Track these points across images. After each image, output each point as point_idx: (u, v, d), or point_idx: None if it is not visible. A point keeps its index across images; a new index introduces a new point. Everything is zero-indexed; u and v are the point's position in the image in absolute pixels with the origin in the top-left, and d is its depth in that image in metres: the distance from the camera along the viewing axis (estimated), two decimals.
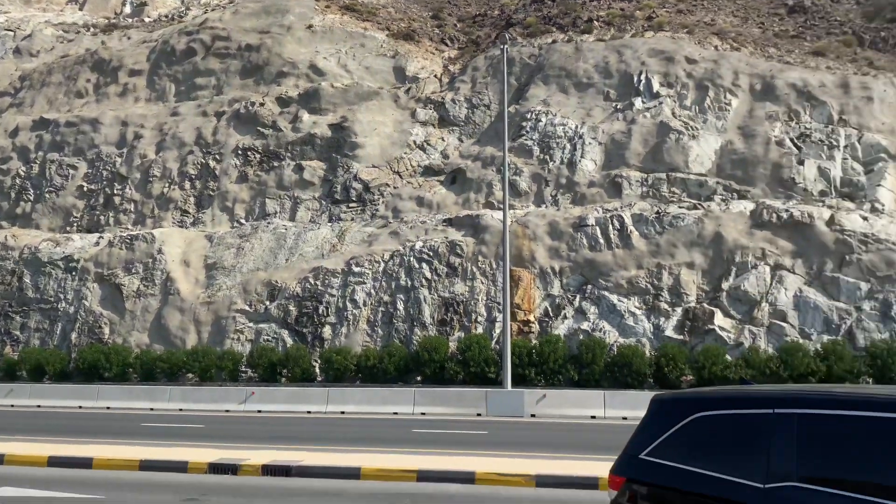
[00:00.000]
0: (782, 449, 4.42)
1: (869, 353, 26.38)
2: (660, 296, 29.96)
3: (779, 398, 4.63)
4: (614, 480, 5.37)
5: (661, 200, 33.24)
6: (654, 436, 5.23)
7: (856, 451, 4.17)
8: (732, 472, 4.63)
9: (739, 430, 4.73)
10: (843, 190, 32.40)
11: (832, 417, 4.33)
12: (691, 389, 5.50)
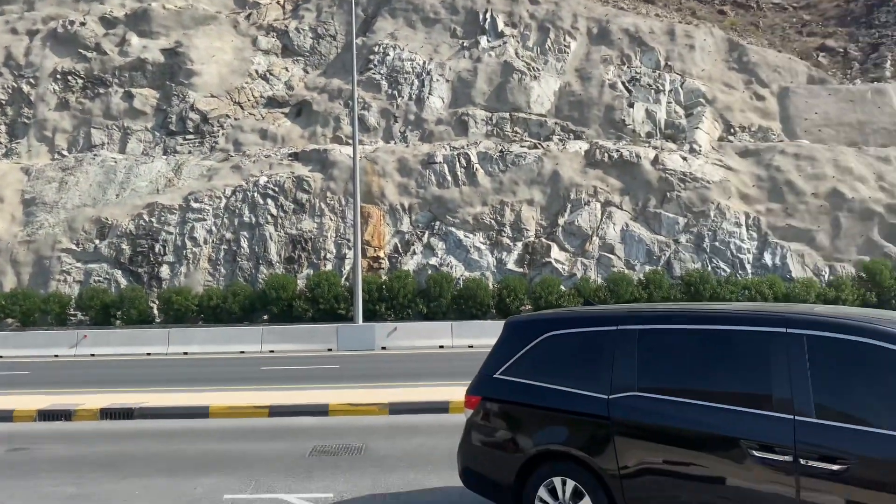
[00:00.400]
0: (625, 362, 4.85)
1: (684, 280, 29.08)
2: (503, 231, 31.13)
3: (622, 316, 5.04)
4: (470, 400, 5.64)
5: (504, 139, 34.20)
6: (508, 356, 5.53)
7: (685, 360, 4.65)
8: (580, 385, 5.01)
9: (587, 346, 5.11)
10: (667, 132, 34.90)
11: (666, 331, 4.78)
12: (542, 311, 5.85)
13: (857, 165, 32.41)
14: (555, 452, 5.04)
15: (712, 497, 4.30)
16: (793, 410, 4.09)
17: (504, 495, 5.34)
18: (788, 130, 35.13)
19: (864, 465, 3.79)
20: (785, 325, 4.32)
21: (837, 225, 31.15)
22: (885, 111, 35.01)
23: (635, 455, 4.63)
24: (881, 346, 3.98)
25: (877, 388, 3.95)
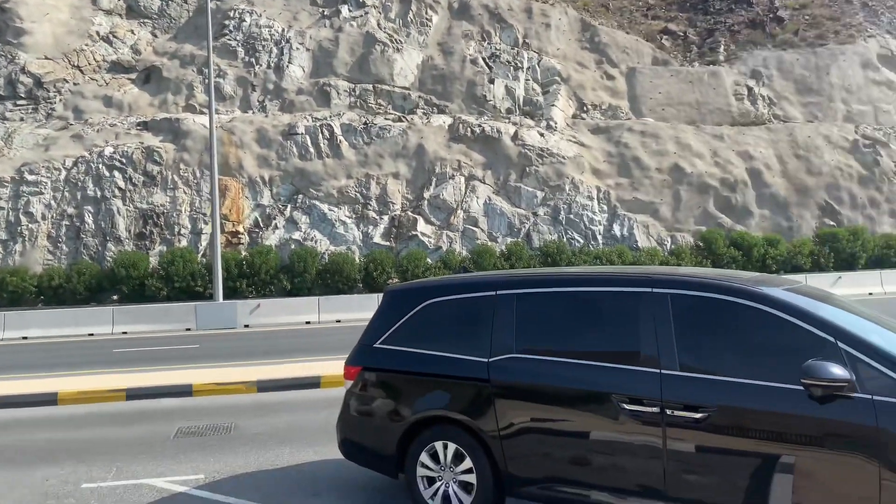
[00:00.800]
0: (503, 325, 4.96)
1: (542, 251, 30.29)
2: (368, 205, 30.93)
3: (500, 281, 5.14)
4: (350, 371, 5.58)
5: (368, 111, 33.85)
6: (388, 325, 5.50)
7: (560, 322, 4.83)
8: (461, 350, 5.09)
9: (466, 312, 5.19)
10: (525, 108, 35.92)
11: (542, 295, 4.94)
12: (422, 279, 5.87)
13: (695, 142, 34.93)
14: (437, 417, 5.10)
15: (587, 450, 4.52)
16: (659, 365, 4.36)
17: (385, 463, 5.35)
18: (635, 109, 37.20)
19: (722, 412, 4.12)
20: (650, 286, 4.58)
21: (678, 198, 33.50)
22: (719, 92, 37.88)
23: (514, 415, 4.77)
24: (737, 301, 4.32)
25: (733, 341, 4.29)
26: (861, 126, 36.25)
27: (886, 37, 40.00)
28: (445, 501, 5.04)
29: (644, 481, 4.34)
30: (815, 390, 3.86)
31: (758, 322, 4.23)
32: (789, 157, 34.85)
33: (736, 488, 4.08)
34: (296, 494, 5.84)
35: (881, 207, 33.96)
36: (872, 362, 3.87)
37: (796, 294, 4.42)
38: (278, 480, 6.24)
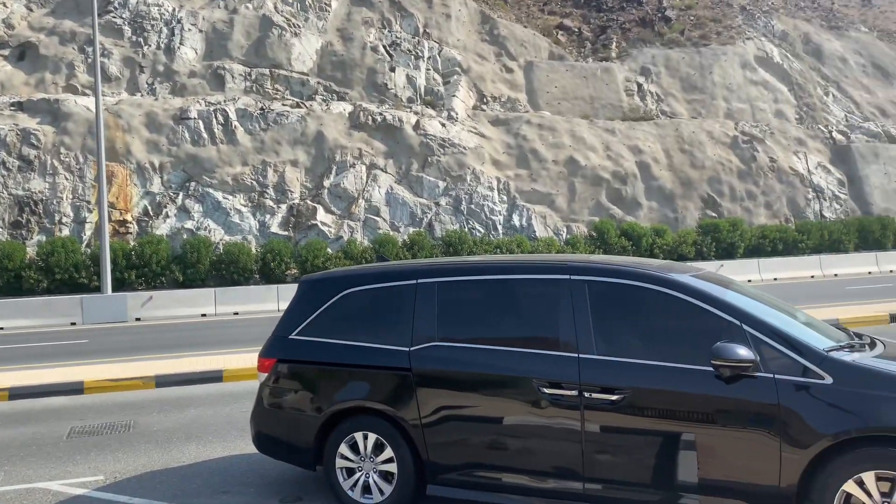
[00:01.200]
0: (425, 314, 4.96)
1: (444, 241, 30.52)
2: (265, 193, 30.14)
3: (421, 270, 5.13)
4: (264, 364, 5.43)
5: (265, 97, 32.93)
6: (304, 316, 5.39)
7: (481, 309, 4.88)
8: (381, 339, 5.04)
9: (386, 301, 5.15)
10: (427, 98, 35.99)
11: (463, 283, 4.97)
12: (340, 268, 5.78)
13: (589, 136, 36.11)
14: (356, 408, 5.04)
15: (509, 435, 4.59)
16: (577, 349, 4.49)
17: (303, 456, 5.24)
18: (533, 102, 38.03)
19: (637, 394, 4.29)
20: (568, 273, 4.70)
21: (573, 189, 34.56)
22: (611, 88, 39.29)
23: (436, 403, 4.78)
24: (650, 288, 4.50)
25: (646, 325, 4.47)
26: (740, 123, 38.56)
27: (763, 39, 42.69)
28: (366, 492, 5.00)
29: (563, 463, 4.47)
30: (723, 371, 4.09)
31: (669, 307, 4.42)
32: (675, 152, 36.62)
33: (648, 466, 4.26)
34: (205, 492, 5.63)
35: (757, 200, 36.31)
36: (774, 344, 4.14)
37: (702, 280, 4.65)
38: (185, 478, 6.00)
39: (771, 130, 38.45)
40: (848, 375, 3.97)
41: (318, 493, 5.52)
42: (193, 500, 5.46)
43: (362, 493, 5.00)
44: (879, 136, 39.39)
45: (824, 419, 3.90)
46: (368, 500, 4.98)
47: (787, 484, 3.97)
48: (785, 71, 41.52)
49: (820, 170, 37.86)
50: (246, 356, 11.50)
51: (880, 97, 42.20)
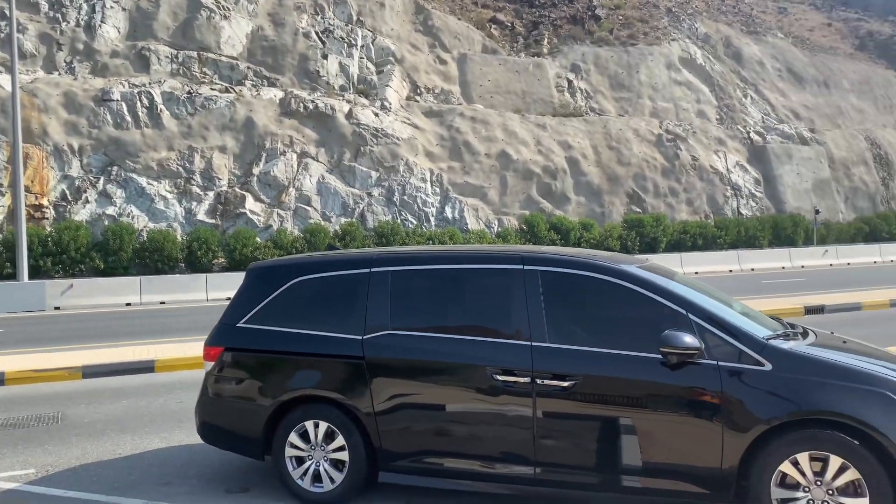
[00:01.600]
0: (378, 303, 4.96)
1: (377, 231, 30.38)
2: (192, 179, 29.31)
3: (374, 259, 5.13)
4: (210, 352, 5.32)
5: (192, 80, 31.96)
6: (252, 304, 5.30)
7: (435, 298, 4.93)
8: (333, 328, 5.02)
9: (339, 290, 5.12)
10: (359, 87, 35.68)
11: (418, 272, 5.00)
12: (290, 256, 5.71)
13: (520, 130, 36.58)
14: (307, 397, 4.99)
15: (462, 422, 4.65)
16: (530, 337, 4.58)
17: (251, 446, 5.17)
18: (466, 94, 38.23)
19: (588, 381, 4.41)
20: (522, 263, 4.79)
21: (505, 183, 34.97)
22: (542, 83, 39.89)
23: (390, 391, 4.79)
24: (601, 278, 4.64)
25: (597, 314, 4.61)
26: (665, 122, 39.81)
27: (687, 41, 44.13)
28: (316, 480, 4.97)
29: (515, 448, 4.56)
30: (671, 357, 4.26)
31: (619, 296, 4.57)
32: (603, 148, 37.52)
33: (598, 450, 4.40)
34: (144, 484, 5.48)
35: (679, 196, 37.61)
36: (717, 332, 4.33)
37: (649, 271, 4.82)
38: (123, 471, 5.81)
39: (693, 130, 39.86)
40: (785, 362, 4.20)
41: (265, 483, 5.45)
42: (133, 492, 5.31)
43: (312, 482, 4.97)
44: (793, 138, 41.40)
45: (764, 404, 4.12)
46: (319, 489, 4.96)
47: (728, 466, 4.18)
48: (707, 72, 43.07)
49: (738, 169, 39.51)
50: (179, 346, 11.20)
51: (794, 101, 44.33)
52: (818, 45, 49.49)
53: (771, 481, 4.10)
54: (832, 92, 45.93)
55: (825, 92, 45.77)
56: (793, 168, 40.46)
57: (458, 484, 4.72)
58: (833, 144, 42.13)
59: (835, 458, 3.99)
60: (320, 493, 4.94)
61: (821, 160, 41.23)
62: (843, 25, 53.44)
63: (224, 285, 22.05)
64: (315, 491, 4.96)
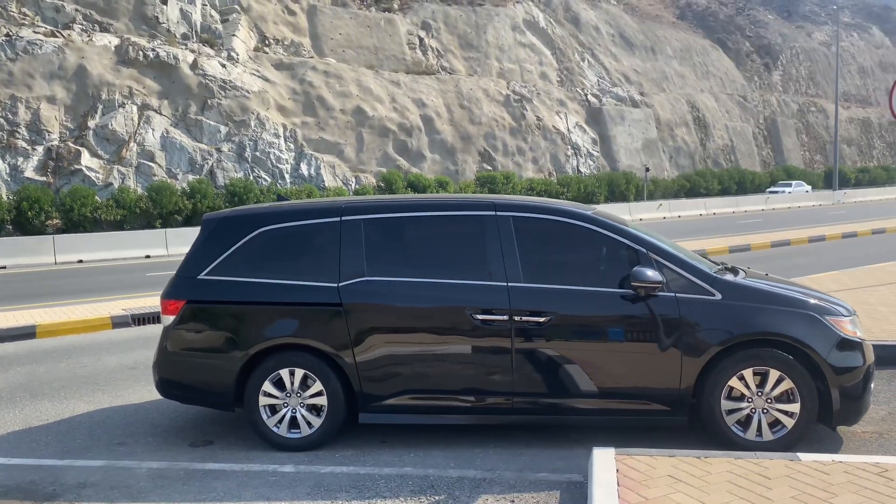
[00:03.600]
0: (352, 250, 5.03)
1: (228, 190, 29.19)
2: (16, 133, 26.56)
3: (346, 208, 5.16)
4: (171, 305, 5.15)
5: (10, 21, 28.69)
6: (215, 255, 5.18)
7: (412, 244, 5.10)
8: (305, 277, 5.03)
9: (308, 239, 5.12)
10: (204, 36, 33.73)
11: (392, 220, 5.12)
12: (249, 206, 5.57)
13: (375, 87, 36.38)
14: (282, 346, 4.99)
15: (444, 361, 4.88)
16: (506, 278, 4.87)
17: (221, 398, 5.08)
18: (317, 48, 37.32)
19: (561, 316, 4.79)
20: (495, 209, 5.05)
21: (361, 140, 34.79)
22: (395, 40, 39.77)
23: (370, 336, 4.90)
24: (570, 222, 5.01)
25: (567, 255, 4.99)
26: (511, 83, 41.21)
27: (530, 3, 45.66)
28: (292, 425, 5.01)
29: (493, 382, 4.87)
30: (640, 291, 4.73)
31: (586, 238, 4.98)
32: (455, 107, 38.27)
33: (570, 379, 4.82)
34: (97, 446, 5.21)
35: (526, 155, 39.33)
36: (675, 267, 4.86)
37: (606, 216, 5.26)
38: (63, 435, 5.48)
39: (538, 91, 41.61)
40: (732, 292, 4.81)
41: (229, 435, 5.39)
42: (89, 454, 5.06)
43: (289, 429, 5.01)
44: (625, 101, 44.44)
45: (716, 329, 4.71)
46: (296, 434, 5.00)
47: (685, 385, 4.75)
48: (549, 36, 44.93)
49: (578, 129, 41.89)
50: (57, 310, 10.40)
51: (626, 65, 47.46)
52: (645, 13, 53.09)
53: (721, 395, 4.73)
54: (658, 58, 49.62)
55: (652, 57, 49.35)
56: (625, 129, 43.50)
57: (439, 418, 4.97)
58: (659, 107, 45.70)
59: (773, 371, 4.67)
60: (297, 438, 4.99)
61: (649, 122, 44.64)
62: None
63: (81, 247, 20.38)
64: (292, 437, 5.00)
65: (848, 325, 4.83)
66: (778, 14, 65.13)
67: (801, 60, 62.47)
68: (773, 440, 4.70)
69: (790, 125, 56.48)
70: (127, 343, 8.80)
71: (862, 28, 72.36)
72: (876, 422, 5.23)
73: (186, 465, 4.81)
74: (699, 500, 3.66)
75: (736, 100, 52.52)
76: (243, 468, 4.73)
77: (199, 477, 4.61)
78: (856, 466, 4.01)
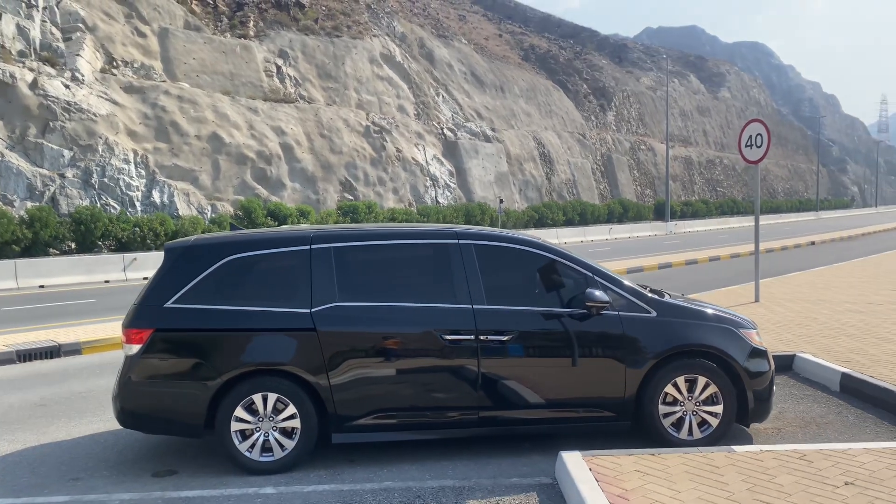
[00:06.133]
0: (323, 277, 5.23)
1: (73, 218, 27.28)
2: None
3: (315, 236, 5.36)
4: (136, 335, 5.09)
5: None
6: (181, 284, 5.19)
7: (381, 271, 5.39)
8: (278, 303, 5.17)
9: (279, 266, 5.27)
10: (44, 54, 31.55)
11: (362, 248, 5.39)
12: (213, 234, 5.57)
13: (232, 113, 35.60)
14: (254, 371, 5.05)
15: (414, 381, 5.16)
16: (470, 301, 5.28)
17: (189, 426, 5.05)
18: (170, 72, 35.98)
19: (521, 334, 5.26)
20: (457, 238, 5.46)
21: (217, 167, 33.82)
22: (251, 66, 39.17)
23: (343, 359, 5.08)
24: (526, 249, 5.52)
25: (522, 279, 5.49)
26: (370, 114, 41.82)
27: (386, 38, 46.72)
28: (265, 450, 5.07)
29: (461, 397, 5.22)
30: (592, 309, 5.31)
31: (540, 264, 5.51)
32: (315, 136, 38.23)
33: (530, 391, 5.29)
34: (52, 482, 4.97)
35: (387, 185, 39.95)
36: (616, 289, 5.49)
37: (554, 245, 5.83)
38: (13, 472, 5.16)
39: (396, 123, 42.51)
40: (665, 310, 5.52)
41: (189, 463, 5.32)
42: (48, 491, 4.82)
43: (261, 453, 5.07)
44: (479, 136, 46.43)
45: (653, 342, 5.38)
46: (268, 458, 5.07)
47: (629, 394, 5.37)
48: (405, 70, 46.14)
49: (435, 161, 43.18)
50: None
51: (477, 102, 49.65)
52: (494, 54, 55.93)
53: (658, 401, 5.39)
54: (507, 96, 52.37)
55: (501, 96, 52.01)
56: (479, 162, 45.40)
57: (410, 434, 5.25)
58: (510, 143, 48.17)
59: (701, 378, 5.41)
60: (271, 461, 5.06)
61: (500, 156, 46.91)
62: (510, 37, 61.03)
63: None
64: (265, 460, 5.06)
65: (756, 336, 5.70)
66: (610, 59, 70.97)
67: (632, 102, 68.36)
68: (702, 438, 5.43)
69: (623, 161, 61.47)
70: (21, 381, 8.23)
71: (682, 75, 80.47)
72: (772, 420, 6.13)
73: (160, 493, 4.75)
74: (669, 488, 4.24)
75: (576, 137, 56.43)
76: (223, 493, 4.75)
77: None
78: (781, 454, 4.78)
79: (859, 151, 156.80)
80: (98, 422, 6.48)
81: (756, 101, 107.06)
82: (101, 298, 16.46)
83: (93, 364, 9.09)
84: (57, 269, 20.57)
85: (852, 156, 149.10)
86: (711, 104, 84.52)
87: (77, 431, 6.18)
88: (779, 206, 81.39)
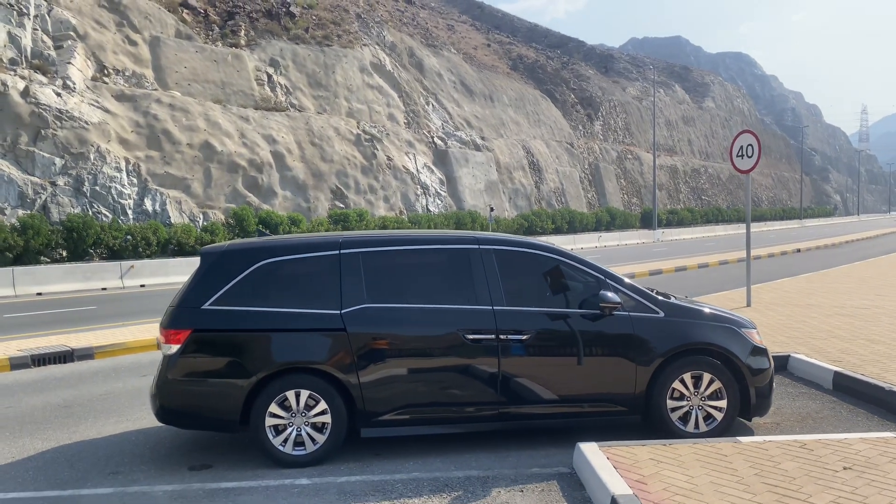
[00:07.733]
0: (353, 280, 5.53)
1: (65, 226, 27.33)
2: None
3: (344, 242, 5.67)
4: (175, 335, 5.36)
5: None
6: (218, 286, 5.46)
7: (407, 274, 5.69)
8: (309, 305, 5.46)
9: (310, 270, 5.56)
10: (35, 62, 31.63)
11: (388, 252, 5.70)
12: (247, 240, 5.86)
13: (223, 121, 35.77)
14: (288, 369, 5.33)
15: (439, 379, 5.45)
16: (491, 303, 5.59)
17: (227, 422, 5.32)
18: (161, 80, 36.11)
19: (539, 334, 5.57)
20: (478, 244, 5.78)
21: (209, 175, 33.96)
22: (242, 75, 39.37)
23: (372, 357, 5.37)
24: (542, 254, 5.84)
25: (539, 282, 5.81)
26: (361, 122, 42.13)
27: (376, 47, 47.08)
28: (297, 444, 5.35)
29: (482, 393, 5.52)
30: (605, 310, 5.64)
31: (556, 267, 5.83)
32: (307, 144, 38.47)
33: (549, 387, 5.60)
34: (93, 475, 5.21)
35: (378, 193, 40.23)
36: (626, 291, 5.83)
37: (568, 250, 6.17)
38: (55, 466, 5.38)
39: (387, 132, 42.84)
40: (672, 311, 5.86)
41: (223, 457, 5.58)
42: (90, 483, 5.07)
43: (294, 447, 5.34)
44: (469, 144, 46.85)
45: (661, 341, 5.71)
46: (300, 452, 5.34)
47: (639, 390, 5.70)
48: (395, 79, 46.51)
49: (426, 169, 43.53)
50: None
51: (467, 111, 50.09)
52: (483, 63, 56.47)
53: (666, 396, 5.73)
54: (496, 105, 52.87)
55: (490, 105, 52.49)
56: (469, 171, 45.80)
57: (434, 429, 5.54)
58: (499, 151, 48.62)
59: (706, 374, 5.75)
60: (303, 455, 5.33)
61: (490, 165, 47.33)
62: (499, 47, 61.61)
63: None
64: (297, 454, 5.33)
65: (756, 335, 6.05)
66: (597, 69, 71.81)
67: (619, 112, 69.18)
68: (707, 431, 5.76)
69: (611, 170, 62.17)
70: (41, 383, 8.43)
71: (667, 85, 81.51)
72: (771, 415, 6.48)
73: (200, 485, 5.01)
74: (683, 473, 4.56)
75: (564, 146, 57.03)
76: (260, 484, 5.01)
77: (221, 495, 4.84)
78: (784, 443, 5.12)
79: (841, 161, 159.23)
80: (125, 421, 6.72)
81: (740, 110, 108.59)
82: (102, 305, 16.61)
83: (106, 368, 9.29)
84: (54, 277, 20.66)
85: (834, 165, 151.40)
86: (696, 114, 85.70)
87: (106, 430, 6.41)
88: (763, 215, 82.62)
